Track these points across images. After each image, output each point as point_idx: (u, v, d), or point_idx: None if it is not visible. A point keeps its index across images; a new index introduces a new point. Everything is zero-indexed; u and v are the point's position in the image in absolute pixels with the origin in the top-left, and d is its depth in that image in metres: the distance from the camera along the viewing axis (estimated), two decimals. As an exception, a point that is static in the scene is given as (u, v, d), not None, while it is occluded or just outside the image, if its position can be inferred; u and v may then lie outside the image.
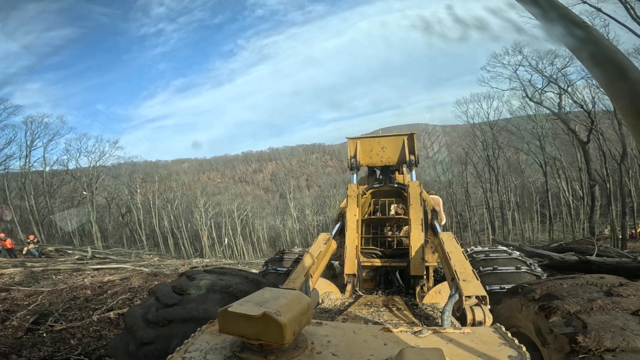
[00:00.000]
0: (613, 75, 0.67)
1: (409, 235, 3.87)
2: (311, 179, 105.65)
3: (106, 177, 43.31)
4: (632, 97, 0.64)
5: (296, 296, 1.36)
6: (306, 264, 2.95)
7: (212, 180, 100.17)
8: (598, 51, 0.70)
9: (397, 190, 4.81)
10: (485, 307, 2.04)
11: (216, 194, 65.42)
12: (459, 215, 51.46)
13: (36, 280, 8.98)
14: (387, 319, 2.90)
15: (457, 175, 49.13)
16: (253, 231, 61.95)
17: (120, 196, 45.97)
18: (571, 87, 26.04)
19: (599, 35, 0.73)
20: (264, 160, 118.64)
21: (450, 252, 2.79)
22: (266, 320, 1.16)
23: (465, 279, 2.30)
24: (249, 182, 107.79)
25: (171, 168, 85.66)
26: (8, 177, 36.43)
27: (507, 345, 1.37)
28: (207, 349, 1.33)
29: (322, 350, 1.33)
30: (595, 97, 23.85)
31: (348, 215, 4.18)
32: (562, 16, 0.74)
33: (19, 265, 11.63)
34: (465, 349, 1.35)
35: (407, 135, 4.73)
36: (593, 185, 24.00)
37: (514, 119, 34.80)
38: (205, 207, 53.83)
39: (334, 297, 3.63)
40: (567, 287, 1.91)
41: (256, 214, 65.04)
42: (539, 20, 0.76)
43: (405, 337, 1.44)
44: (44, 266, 11.51)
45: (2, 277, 9.16)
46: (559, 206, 37.85)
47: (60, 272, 10.13)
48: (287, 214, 65.38)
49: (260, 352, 1.24)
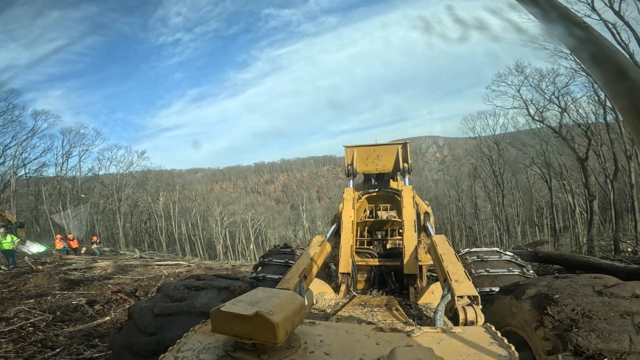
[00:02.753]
0: (613, 75, 0.68)
1: (402, 237, 4.07)
2: (322, 190, 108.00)
3: (129, 186, 46.72)
4: (632, 97, 0.64)
5: (289, 296, 1.38)
6: (301, 265, 2.99)
7: (224, 190, 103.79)
8: (598, 51, 0.70)
9: (391, 196, 5.12)
10: (477, 307, 2.10)
11: (229, 204, 68.38)
12: (469, 228, 52.93)
13: (124, 271, 11.77)
14: (381, 319, 2.94)
15: (467, 189, 50.97)
16: (266, 240, 64.39)
17: (143, 204, 49.32)
18: (574, 104, 28.24)
19: (599, 35, 0.73)
20: (276, 172, 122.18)
21: (442, 253, 2.86)
22: (259, 319, 1.18)
23: (457, 279, 2.36)
24: (260, 192, 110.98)
25: (185, 177, 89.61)
26: (39, 183, 40.06)
27: (497, 344, 1.41)
28: (200, 348, 1.35)
29: (315, 350, 1.36)
30: (596, 114, 26.00)
31: (344, 216, 4.36)
32: (562, 16, 0.75)
33: (101, 260, 14.47)
34: (456, 348, 1.39)
35: (401, 144, 5.02)
36: (591, 200, 25.83)
37: (521, 134, 36.73)
38: (221, 217, 56.81)
39: (328, 297, 3.68)
40: (560, 286, 1.92)
41: (269, 224, 67.71)
42: (539, 20, 0.78)
43: (397, 337, 1.47)
44: (115, 261, 14.31)
45: (96, 269, 12.02)
46: (569, 220, 39.15)
47: (135, 267, 12.92)
48: (299, 224, 67.81)
49: (253, 351, 1.26)
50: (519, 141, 36.80)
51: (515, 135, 37.60)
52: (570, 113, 28.34)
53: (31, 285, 8.39)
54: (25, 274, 9.88)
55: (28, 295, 7.26)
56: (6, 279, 9.27)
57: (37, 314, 5.71)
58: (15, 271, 10.75)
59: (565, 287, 1.87)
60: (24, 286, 8.31)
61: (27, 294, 7.42)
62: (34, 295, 7.35)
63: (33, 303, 6.51)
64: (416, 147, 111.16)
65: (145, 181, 51.61)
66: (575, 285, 1.87)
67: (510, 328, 2.02)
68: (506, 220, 39.95)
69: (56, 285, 8.46)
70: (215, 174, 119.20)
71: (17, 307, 6.03)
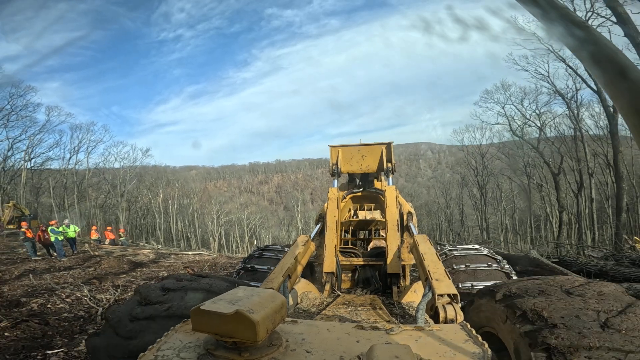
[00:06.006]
0: (613, 75, 0.68)
1: (386, 236, 4.14)
2: (315, 193, 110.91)
3: (132, 181, 49.15)
4: (632, 97, 0.65)
5: (270, 295, 1.41)
6: (284, 265, 3.04)
7: (218, 189, 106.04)
8: (598, 51, 0.71)
9: (375, 196, 5.22)
10: (457, 305, 2.22)
11: (223, 203, 70.89)
12: (457, 235, 56.60)
13: (163, 257, 14.73)
14: (365, 317, 3.04)
15: (456, 197, 54.72)
16: (259, 240, 67.16)
17: (142, 200, 51.79)
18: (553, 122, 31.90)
19: (599, 35, 0.74)
20: (270, 172, 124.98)
21: (424, 253, 2.96)
22: (239, 318, 1.20)
23: (437, 278, 2.47)
24: (254, 192, 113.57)
25: (180, 174, 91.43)
26: (42, 176, 42.25)
27: (472, 342, 1.48)
28: (180, 347, 1.38)
29: (296, 348, 1.39)
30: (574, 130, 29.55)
31: (328, 216, 4.41)
32: (562, 16, 0.76)
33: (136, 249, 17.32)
34: (433, 345, 1.45)
35: (385, 145, 5.07)
36: (561, 212, 29.55)
37: (509, 144, 40.17)
38: (217, 215, 59.46)
39: (312, 296, 3.72)
40: (530, 286, 2.00)
41: (262, 224, 70.50)
42: (539, 20, 0.80)
43: (377, 335, 1.53)
44: (152, 250, 17.18)
45: (140, 255, 14.94)
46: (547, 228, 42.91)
47: (169, 254, 15.91)
48: (292, 225, 70.76)
49: (234, 349, 1.29)
50: (504, 154, 40.55)
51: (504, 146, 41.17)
52: (549, 129, 32.09)
53: (106, 266, 11.30)
54: (90, 258, 12.78)
55: (121, 272, 10.23)
56: (80, 262, 12.17)
57: (141, 281, 8.72)
58: (82, 256, 13.63)
59: (536, 287, 1.97)
60: (100, 267, 11.23)
61: (116, 272, 10.38)
62: (126, 271, 10.35)
63: (132, 276, 9.52)
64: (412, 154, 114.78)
65: (143, 177, 54.04)
66: (544, 285, 1.97)
67: (488, 329, 2.10)
68: (486, 229, 43.63)
69: (125, 266, 11.39)
70: (209, 172, 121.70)
71: (123, 279, 9.03)
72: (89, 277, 9.02)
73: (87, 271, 10.20)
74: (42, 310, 5.86)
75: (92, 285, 8.03)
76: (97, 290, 7.47)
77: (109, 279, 9.03)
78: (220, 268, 11.98)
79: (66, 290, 7.20)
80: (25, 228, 13.14)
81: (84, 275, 9.52)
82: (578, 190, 26.82)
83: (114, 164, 46.75)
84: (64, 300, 6.47)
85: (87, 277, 9.15)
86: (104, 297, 6.82)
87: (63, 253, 13.24)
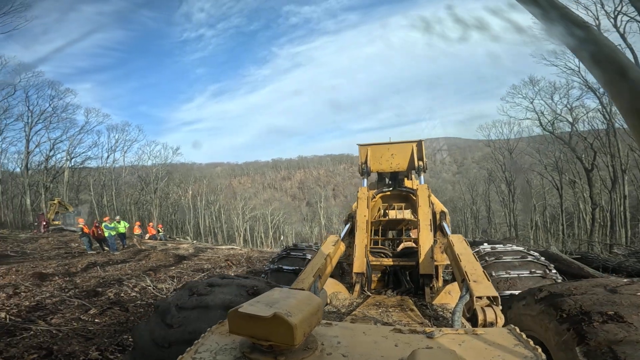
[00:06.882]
0: (613, 75, 0.69)
1: (418, 236, 4.08)
2: (337, 189, 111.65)
3: (164, 179, 51.75)
4: (632, 97, 0.65)
5: (306, 297, 1.40)
6: (315, 265, 3.04)
7: (242, 185, 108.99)
8: (598, 51, 0.71)
9: (405, 195, 5.16)
10: (497, 307, 2.13)
11: (247, 199, 73.01)
12: (484, 232, 55.64)
13: (202, 251, 15.98)
14: (397, 319, 2.98)
15: (482, 193, 53.76)
16: (284, 236, 68.76)
17: (173, 196, 54.48)
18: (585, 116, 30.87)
19: (599, 35, 0.74)
20: (293, 168, 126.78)
21: (460, 253, 2.89)
22: (277, 321, 1.19)
23: (476, 279, 2.40)
24: (277, 188, 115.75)
25: (205, 171, 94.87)
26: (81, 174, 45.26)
27: (522, 346, 1.38)
28: (216, 349, 1.38)
29: (332, 352, 1.36)
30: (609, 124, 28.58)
31: (358, 216, 4.41)
32: (563, 16, 0.76)
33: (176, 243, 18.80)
34: (479, 350, 1.36)
35: (416, 142, 5.02)
36: (594, 209, 28.70)
37: (538, 138, 39.12)
38: (242, 211, 61.53)
39: (342, 297, 3.71)
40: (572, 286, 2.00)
41: (286, 220, 72.14)
42: (539, 20, 0.79)
43: (416, 339, 1.46)
44: (191, 245, 18.61)
45: (180, 249, 16.27)
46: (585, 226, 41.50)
47: (206, 249, 17.20)
48: (315, 221, 71.94)
49: (270, 353, 1.27)
50: (533, 148, 39.51)
51: (533, 141, 40.09)
52: (582, 124, 31.07)
53: (154, 259, 12.55)
54: (139, 252, 14.14)
55: (169, 264, 11.42)
56: (131, 255, 13.53)
57: (191, 271, 9.79)
58: (131, 250, 15.07)
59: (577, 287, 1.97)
60: (150, 260, 12.48)
61: (165, 264, 11.58)
62: (174, 263, 11.53)
63: (180, 267, 10.65)
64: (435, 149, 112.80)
65: (172, 174, 56.75)
66: (587, 285, 1.97)
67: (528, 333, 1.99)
68: (515, 227, 42.79)
69: (171, 259, 12.60)
70: (234, 168, 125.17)
71: (173, 270, 10.15)
72: (144, 269, 10.20)
73: (140, 264, 11.45)
74: (118, 298, 6.92)
75: (149, 276, 9.15)
76: (156, 281, 8.55)
77: (161, 271, 10.17)
78: (255, 261, 12.97)
79: (131, 280, 8.33)
80: (82, 224, 14.67)
81: (139, 267, 10.74)
82: (612, 186, 25.97)
83: (147, 162, 49.51)
84: (133, 289, 7.56)
85: (143, 269, 10.34)
86: (164, 286, 7.87)
87: (115, 247, 14.68)
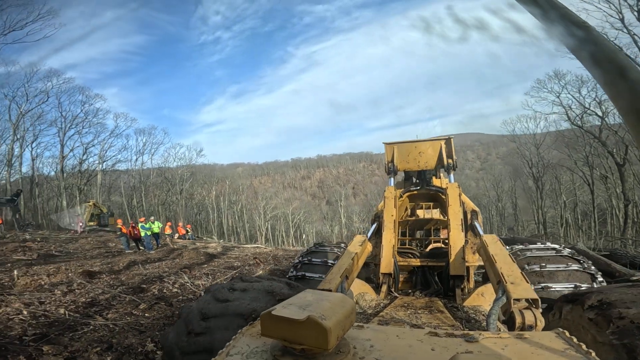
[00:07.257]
0: (613, 75, 0.68)
1: (448, 236, 3.98)
2: (357, 187, 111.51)
3: (189, 180, 53.68)
4: (632, 97, 0.65)
5: (340, 299, 1.37)
6: (342, 265, 2.99)
7: (263, 185, 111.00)
8: (598, 51, 0.71)
9: (433, 194, 5.03)
10: (537, 310, 2.04)
11: (268, 199, 74.38)
12: (510, 229, 54.26)
13: (229, 250, 16.79)
14: (426, 321, 2.89)
15: (508, 190, 52.42)
16: (303, 234, 69.62)
17: (197, 197, 56.46)
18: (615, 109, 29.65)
19: (599, 35, 0.74)
20: (312, 167, 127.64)
21: (495, 254, 2.78)
22: (310, 324, 1.17)
23: (513, 281, 2.31)
24: (297, 187, 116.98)
25: (227, 172, 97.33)
26: (112, 177, 47.75)
27: (574, 350, 1.31)
28: (247, 352, 1.37)
29: (365, 356, 1.33)
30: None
31: (385, 215, 4.34)
32: (562, 16, 0.76)
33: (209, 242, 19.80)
34: (525, 355, 1.30)
35: (445, 140, 4.93)
36: (626, 205, 27.60)
37: (567, 133, 37.76)
38: (264, 210, 62.86)
39: (368, 297, 3.67)
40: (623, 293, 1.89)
41: (306, 219, 72.98)
42: (539, 20, 0.79)
43: (454, 343, 1.40)
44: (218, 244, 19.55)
45: (209, 248, 17.14)
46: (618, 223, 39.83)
47: (233, 247, 18.01)
48: (335, 220, 72.40)
49: (302, 356, 1.25)
50: (562, 143, 38.17)
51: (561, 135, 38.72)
52: (612, 117, 29.86)
53: (187, 258, 13.37)
54: (173, 251, 15.06)
55: (201, 262, 12.20)
56: (165, 254, 14.45)
57: (222, 269, 10.48)
58: (165, 249, 16.06)
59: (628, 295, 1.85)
60: (183, 258, 13.31)
61: (197, 262, 12.36)
62: (205, 261, 12.31)
63: (212, 265, 11.39)
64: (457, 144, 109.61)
65: (196, 175, 58.77)
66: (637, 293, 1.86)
67: None
68: (543, 224, 41.54)
69: (202, 258, 13.37)
70: (254, 168, 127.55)
71: (206, 268, 10.88)
72: (179, 267, 10.95)
73: (175, 262, 12.26)
74: (161, 294, 7.59)
75: (186, 273, 9.88)
76: (192, 278, 9.26)
77: (195, 268, 10.91)
78: (281, 259, 13.55)
79: (171, 277, 9.05)
80: (120, 225, 15.78)
81: (174, 265, 11.52)
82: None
83: (172, 163, 51.61)
84: (173, 286, 8.26)
85: (178, 267, 11.10)
86: (200, 283, 8.54)
87: (151, 246, 15.67)
